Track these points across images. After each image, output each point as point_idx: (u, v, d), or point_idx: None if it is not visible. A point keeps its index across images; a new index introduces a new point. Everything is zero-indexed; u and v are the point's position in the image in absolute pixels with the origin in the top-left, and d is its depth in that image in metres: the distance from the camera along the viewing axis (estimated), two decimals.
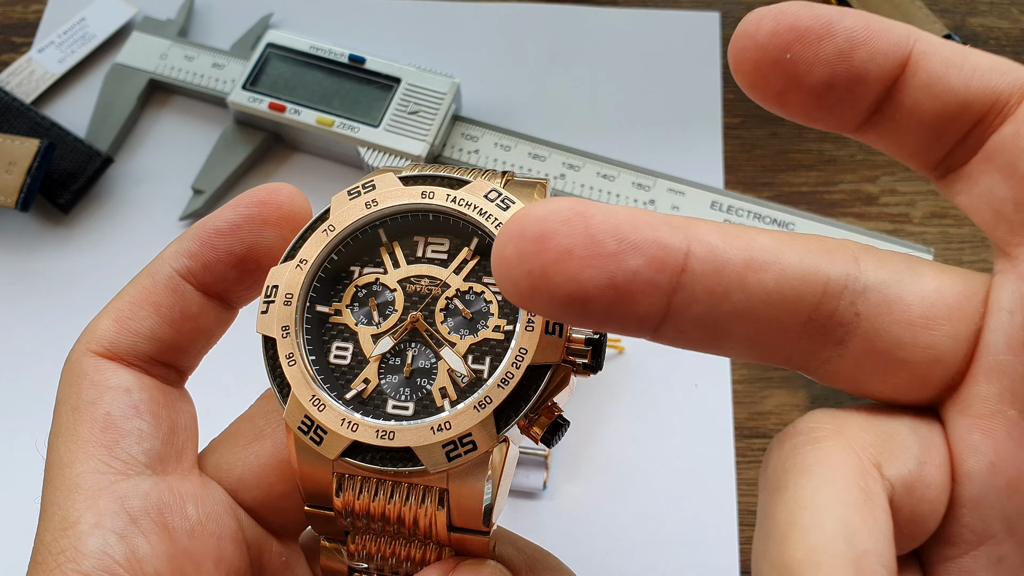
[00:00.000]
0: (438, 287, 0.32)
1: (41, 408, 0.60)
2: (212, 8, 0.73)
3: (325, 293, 0.32)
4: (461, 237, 0.32)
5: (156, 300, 0.33)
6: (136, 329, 0.33)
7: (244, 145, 0.66)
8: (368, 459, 0.30)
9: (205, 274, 0.33)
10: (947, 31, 0.67)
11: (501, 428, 0.29)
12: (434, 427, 0.29)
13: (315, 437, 0.30)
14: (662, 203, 0.62)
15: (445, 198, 0.31)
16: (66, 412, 0.32)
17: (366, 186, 0.32)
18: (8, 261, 0.64)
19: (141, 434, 0.32)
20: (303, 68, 0.66)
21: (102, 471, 0.31)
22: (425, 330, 0.32)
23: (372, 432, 0.30)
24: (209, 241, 0.33)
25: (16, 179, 0.62)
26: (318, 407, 0.30)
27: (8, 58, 0.72)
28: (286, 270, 0.32)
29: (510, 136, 0.65)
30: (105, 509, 0.30)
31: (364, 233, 0.32)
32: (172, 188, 0.66)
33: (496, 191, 0.31)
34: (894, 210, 0.65)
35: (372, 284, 0.32)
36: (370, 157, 0.63)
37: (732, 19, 0.73)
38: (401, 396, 0.31)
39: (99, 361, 0.33)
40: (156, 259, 0.34)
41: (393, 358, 0.32)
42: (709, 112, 0.68)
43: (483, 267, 0.32)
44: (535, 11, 0.73)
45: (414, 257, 0.32)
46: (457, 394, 0.31)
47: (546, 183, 0.33)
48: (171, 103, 0.70)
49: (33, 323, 0.62)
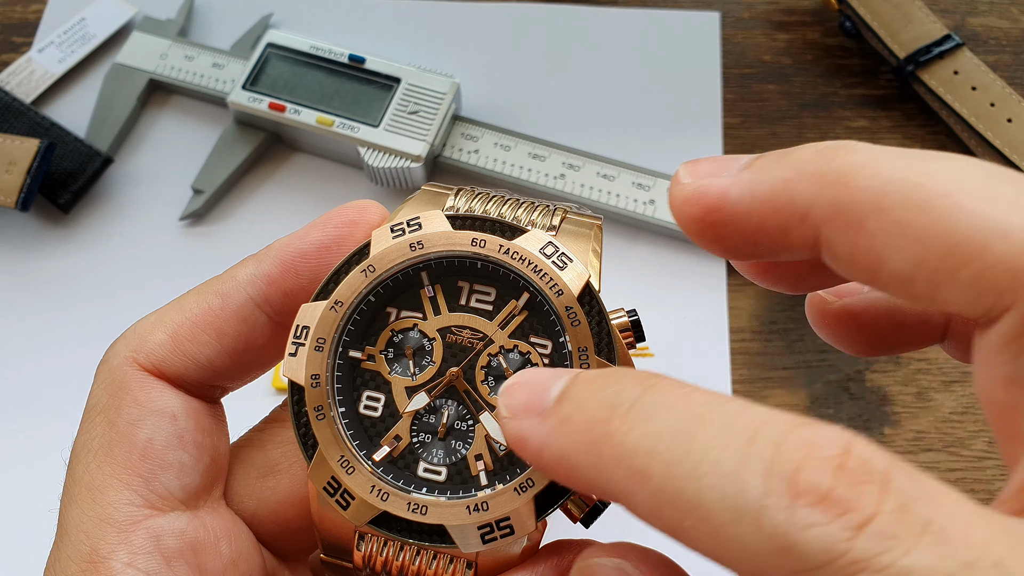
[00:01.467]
0: (481, 341, 0.30)
1: (41, 408, 0.61)
2: (212, 8, 0.73)
3: (358, 336, 0.30)
4: (510, 288, 0.30)
5: (221, 327, 0.30)
6: (193, 354, 0.30)
7: (244, 145, 0.66)
8: (395, 530, 0.28)
9: (284, 303, 0.31)
10: (947, 31, 0.67)
11: (541, 513, 0.27)
12: (471, 506, 0.27)
13: (342, 501, 0.28)
14: (662, 203, 0.62)
15: (498, 248, 0.29)
16: (102, 425, 0.30)
17: (411, 224, 0.30)
18: (8, 261, 0.64)
19: (182, 467, 0.30)
20: (303, 68, 0.66)
21: (137, 504, 0.29)
22: (464, 390, 0.30)
23: (403, 505, 0.28)
24: (293, 266, 0.30)
25: (16, 179, 0.62)
26: (347, 469, 0.28)
27: (8, 58, 0.72)
28: (319, 310, 0.29)
29: (510, 136, 0.65)
30: (139, 548, 0.28)
31: (404, 275, 0.30)
32: (172, 188, 0.66)
33: (553, 245, 0.29)
34: None
35: (409, 330, 0.30)
36: (370, 157, 0.63)
37: (732, 19, 0.73)
38: (434, 459, 0.29)
39: (145, 377, 0.30)
40: (228, 277, 0.31)
41: (428, 415, 0.30)
42: (709, 112, 0.68)
43: (531, 324, 0.30)
44: (535, 11, 0.73)
45: (457, 305, 0.30)
46: (494, 463, 0.29)
47: (600, 224, 0.31)
48: (171, 103, 0.70)
49: (33, 323, 0.62)
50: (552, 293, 0.29)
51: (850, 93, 0.70)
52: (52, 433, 0.57)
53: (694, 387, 0.22)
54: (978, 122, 0.64)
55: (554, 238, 0.30)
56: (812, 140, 0.67)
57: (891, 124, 0.68)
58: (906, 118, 0.69)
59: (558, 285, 0.29)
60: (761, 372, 0.60)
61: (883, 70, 0.70)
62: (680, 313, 0.61)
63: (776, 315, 0.62)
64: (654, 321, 0.61)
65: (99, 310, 0.62)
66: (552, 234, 0.30)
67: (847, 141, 0.24)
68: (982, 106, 0.65)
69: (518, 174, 0.64)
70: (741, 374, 0.60)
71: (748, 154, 0.25)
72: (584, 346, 0.28)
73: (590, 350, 0.28)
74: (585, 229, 0.30)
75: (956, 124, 0.66)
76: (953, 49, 0.67)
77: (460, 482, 0.29)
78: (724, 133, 0.68)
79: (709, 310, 0.61)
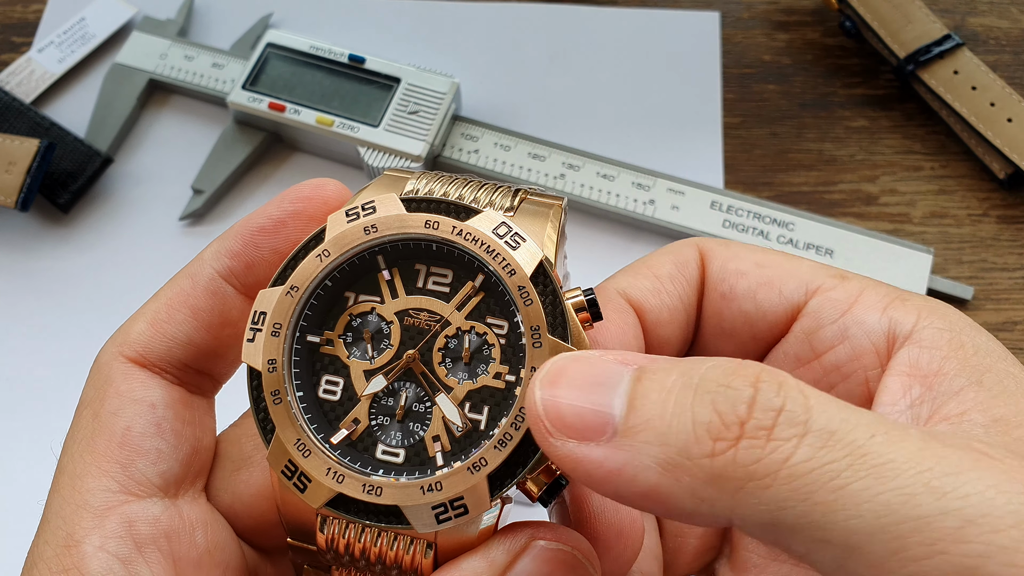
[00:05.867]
0: (438, 323, 0.30)
1: (41, 407, 0.61)
2: (212, 8, 0.73)
3: (316, 321, 0.30)
4: (466, 270, 0.30)
5: (194, 303, 0.32)
6: (172, 334, 0.31)
7: (244, 145, 0.66)
8: (353, 511, 0.28)
9: (248, 275, 0.32)
10: (947, 31, 0.67)
11: (495, 492, 0.27)
12: (424, 487, 0.28)
13: (299, 484, 0.28)
14: (662, 203, 0.62)
15: (451, 230, 0.29)
16: (87, 418, 0.31)
17: (366, 207, 0.30)
18: (8, 261, 0.64)
19: (159, 454, 0.30)
20: (303, 68, 0.66)
21: (113, 489, 0.30)
22: (421, 372, 0.30)
23: (359, 486, 0.28)
24: (252, 239, 0.32)
25: (16, 179, 0.62)
26: (303, 452, 0.28)
27: (8, 58, 0.72)
28: (275, 295, 0.30)
29: (510, 136, 0.65)
30: (111, 532, 0.29)
31: (361, 259, 0.30)
32: (172, 188, 0.66)
33: (506, 225, 0.29)
34: (894, 210, 0.65)
35: (368, 313, 0.30)
36: (370, 157, 0.63)
37: (732, 19, 0.73)
38: (392, 441, 0.30)
39: (129, 368, 0.31)
40: (196, 259, 0.33)
41: (386, 398, 0.30)
42: (709, 112, 0.68)
43: (488, 305, 0.30)
44: (535, 11, 0.73)
45: (415, 287, 0.30)
46: (451, 444, 0.29)
47: (561, 204, 0.31)
48: (171, 103, 0.70)
49: (33, 322, 0.62)
50: (505, 273, 0.29)
51: (850, 93, 0.70)
52: (52, 432, 0.57)
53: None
54: (978, 122, 0.64)
55: (510, 218, 0.30)
56: (812, 140, 0.67)
57: (891, 124, 0.68)
58: (906, 118, 0.69)
59: (511, 265, 0.29)
60: None
61: (883, 70, 0.70)
62: None
63: None
64: None
65: (99, 310, 0.62)
66: (510, 215, 0.30)
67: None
68: (982, 106, 0.65)
69: (518, 174, 0.64)
70: None
71: (616, 365, 0.26)
72: (536, 325, 0.28)
73: (543, 329, 0.28)
74: (544, 208, 0.30)
75: (956, 124, 0.66)
76: (953, 49, 0.67)
77: (418, 463, 0.29)
78: (724, 133, 0.68)
79: None
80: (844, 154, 0.67)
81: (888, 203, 0.65)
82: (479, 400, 0.29)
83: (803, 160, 0.67)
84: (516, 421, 0.27)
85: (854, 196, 0.65)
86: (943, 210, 0.65)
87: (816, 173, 0.66)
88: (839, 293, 0.32)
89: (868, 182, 0.66)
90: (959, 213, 0.65)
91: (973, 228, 0.64)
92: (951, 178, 0.66)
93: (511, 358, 0.29)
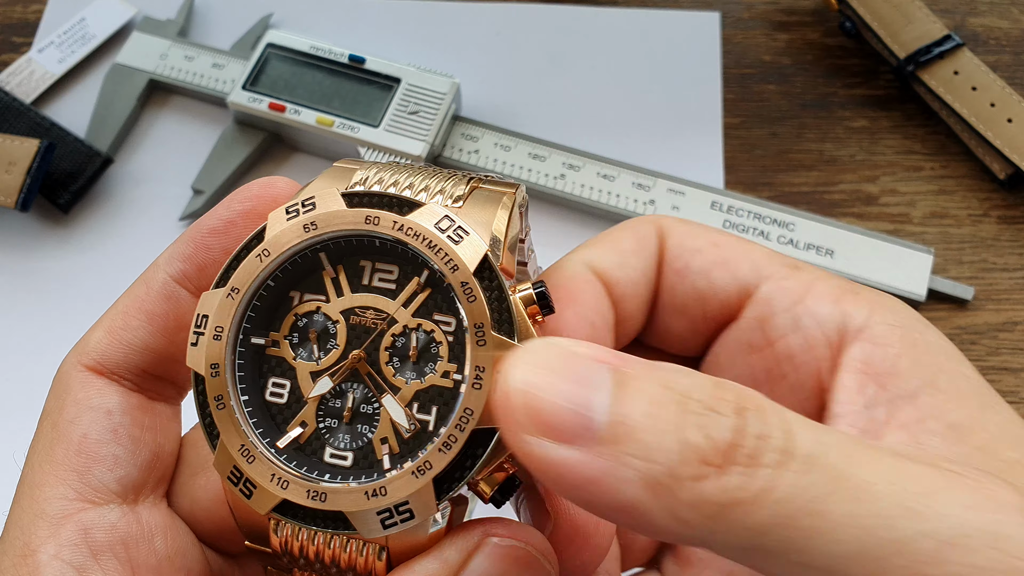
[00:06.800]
0: (384, 321, 0.29)
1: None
2: (212, 8, 0.73)
3: (261, 322, 0.30)
4: (411, 266, 0.29)
5: (149, 308, 0.31)
6: (128, 340, 0.31)
7: (244, 145, 0.66)
8: (299, 517, 0.28)
9: (201, 277, 0.32)
10: (947, 31, 0.67)
11: (442, 495, 0.27)
12: (369, 492, 0.27)
13: (244, 490, 0.28)
14: (662, 203, 0.62)
15: (392, 225, 0.28)
16: (47, 427, 0.31)
17: (306, 204, 0.29)
18: (8, 261, 0.64)
19: (116, 460, 0.30)
20: (303, 68, 0.66)
21: (70, 497, 0.29)
22: (367, 372, 0.29)
23: (303, 492, 0.27)
24: (203, 242, 0.31)
25: (16, 179, 0.62)
26: (247, 458, 0.28)
27: (8, 58, 0.72)
28: (216, 298, 0.29)
29: (510, 136, 0.65)
30: (66, 540, 0.29)
31: (303, 257, 0.29)
32: (172, 188, 0.66)
33: (449, 219, 0.28)
34: (894, 210, 0.65)
35: (313, 313, 0.30)
36: (370, 157, 0.63)
37: (732, 19, 0.73)
38: (340, 444, 0.29)
39: (87, 376, 0.31)
40: (151, 265, 0.32)
41: (333, 399, 0.29)
42: (709, 112, 0.68)
43: (435, 302, 0.29)
44: (535, 11, 0.73)
45: (360, 285, 0.30)
46: (400, 446, 0.28)
47: (514, 192, 0.30)
48: (171, 103, 0.70)
49: (33, 323, 0.62)
50: (447, 268, 0.28)
51: (850, 93, 0.70)
52: None
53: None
54: (978, 122, 0.64)
55: (457, 210, 0.29)
56: (813, 140, 0.67)
57: (891, 124, 0.68)
58: (906, 118, 0.69)
59: (453, 260, 0.28)
60: None
61: (883, 70, 0.70)
62: None
63: None
64: None
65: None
66: (459, 204, 0.29)
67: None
68: (982, 106, 0.65)
69: (518, 174, 0.64)
70: None
71: (595, 363, 0.25)
72: (480, 322, 0.27)
73: (487, 326, 0.27)
74: (496, 195, 0.29)
75: (956, 124, 0.66)
76: (953, 49, 0.67)
77: (366, 466, 0.29)
78: (724, 133, 0.68)
79: None
80: (844, 154, 0.67)
81: (888, 203, 0.65)
82: (427, 400, 0.29)
83: (803, 160, 0.67)
84: (461, 422, 0.27)
85: (854, 196, 0.65)
86: (943, 210, 0.65)
87: (816, 173, 0.66)
88: (791, 283, 0.32)
89: (868, 182, 0.66)
90: (959, 213, 0.65)
91: (973, 228, 0.64)
92: (951, 178, 0.66)
93: (459, 356, 0.28)
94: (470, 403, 0.27)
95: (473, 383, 0.27)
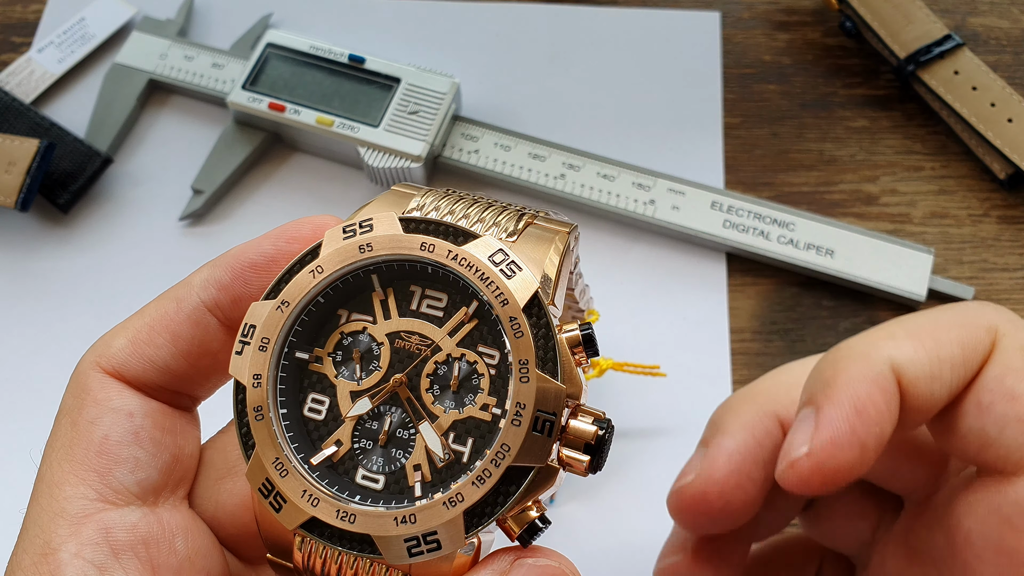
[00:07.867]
0: (428, 348, 0.29)
1: (41, 410, 0.60)
2: (212, 8, 0.73)
3: (307, 337, 0.30)
4: (461, 295, 0.29)
5: (176, 330, 0.31)
6: (150, 356, 0.31)
7: (244, 145, 0.66)
8: (325, 536, 0.28)
9: (233, 309, 0.31)
10: (947, 31, 0.67)
11: (471, 529, 0.27)
12: (398, 518, 0.27)
13: (274, 504, 0.28)
14: (662, 203, 0.62)
15: (446, 254, 0.28)
16: (65, 426, 0.31)
17: (363, 225, 0.29)
18: (8, 261, 0.64)
19: (137, 463, 0.30)
20: (303, 68, 0.66)
21: (91, 497, 0.29)
22: (407, 397, 0.29)
23: (332, 511, 0.27)
24: (243, 274, 0.31)
25: (16, 179, 0.62)
26: (280, 472, 0.28)
27: (8, 58, 0.72)
28: (266, 309, 0.29)
29: (510, 136, 0.65)
30: (88, 540, 0.29)
31: (355, 277, 0.30)
32: (172, 188, 0.66)
33: (503, 252, 0.28)
34: (894, 210, 0.65)
35: (359, 333, 0.30)
36: (370, 157, 0.63)
37: (732, 19, 0.73)
38: (373, 466, 0.29)
39: (106, 379, 0.31)
40: (184, 282, 0.32)
41: (370, 421, 0.29)
42: (709, 112, 0.68)
43: (480, 333, 0.29)
44: (535, 11, 0.73)
45: (408, 309, 0.30)
46: (432, 474, 0.28)
47: (568, 232, 0.30)
48: (171, 103, 0.70)
49: (33, 323, 0.62)
50: (497, 302, 0.28)
51: (850, 93, 0.70)
52: None
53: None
54: (978, 122, 0.64)
55: (510, 245, 0.29)
56: (813, 140, 0.67)
57: (891, 124, 0.68)
58: (906, 118, 0.69)
59: (504, 294, 0.28)
60: (762, 372, 0.60)
61: (883, 70, 0.70)
62: (680, 313, 0.61)
63: (776, 315, 0.62)
64: (654, 321, 0.61)
65: (99, 310, 0.62)
66: (513, 239, 0.29)
67: None
68: (983, 106, 0.65)
69: (518, 174, 0.64)
70: (741, 374, 0.59)
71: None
72: (525, 359, 0.27)
73: (531, 363, 0.27)
74: (549, 234, 0.29)
75: (956, 124, 0.66)
76: (953, 49, 0.67)
77: (396, 492, 0.29)
78: (724, 133, 0.68)
79: (709, 310, 0.61)
80: (844, 154, 0.67)
81: (888, 203, 0.65)
82: (463, 431, 0.29)
83: (803, 160, 0.67)
84: (497, 457, 0.26)
85: (854, 196, 0.65)
86: (943, 210, 0.65)
87: (816, 173, 0.66)
88: None
89: (868, 182, 0.66)
90: (960, 213, 0.65)
91: (974, 228, 0.64)
92: (952, 178, 0.66)
93: (500, 390, 0.28)
94: (508, 439, 0.27)
95: (513, 419, 0.27)
